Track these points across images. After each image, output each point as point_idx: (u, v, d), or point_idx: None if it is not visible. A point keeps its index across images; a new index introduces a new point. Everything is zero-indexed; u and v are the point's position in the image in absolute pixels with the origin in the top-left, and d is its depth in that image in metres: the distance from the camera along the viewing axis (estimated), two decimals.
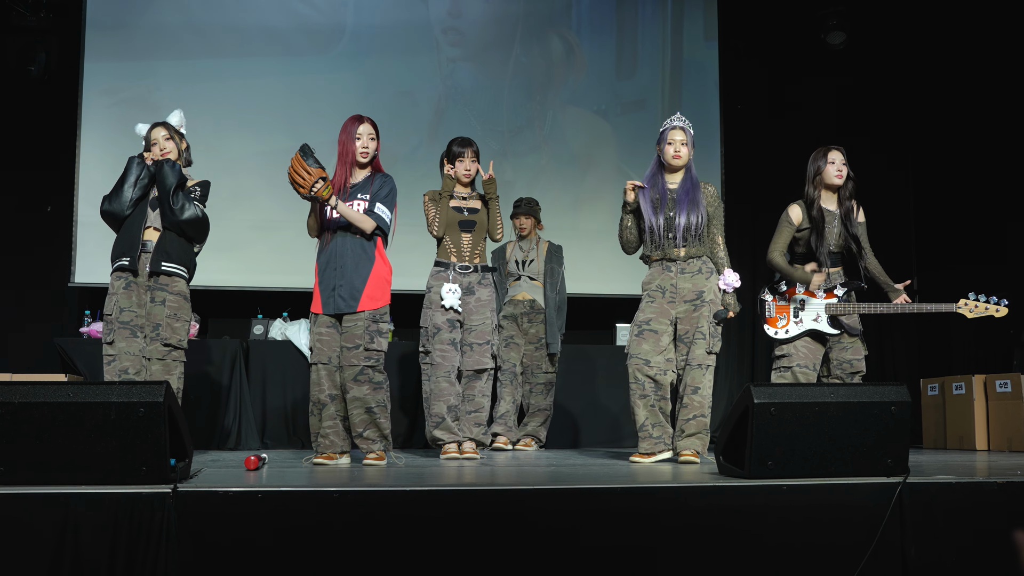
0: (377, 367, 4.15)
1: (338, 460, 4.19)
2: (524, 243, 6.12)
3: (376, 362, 4.14)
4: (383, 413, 4.16)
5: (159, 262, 4.36)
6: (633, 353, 4.40)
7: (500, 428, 5.75)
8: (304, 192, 4.01)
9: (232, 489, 2.77)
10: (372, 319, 4.15)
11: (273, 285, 6.86)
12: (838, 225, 4.65)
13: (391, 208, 4.26)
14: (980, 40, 7.17)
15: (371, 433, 4.15)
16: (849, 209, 4.68)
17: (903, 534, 3.01)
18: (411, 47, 7.29)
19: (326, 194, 4.03)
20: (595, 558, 2.84)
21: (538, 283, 6.03)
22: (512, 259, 6.09)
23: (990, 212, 7.09)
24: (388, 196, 4.25)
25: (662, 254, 4.45)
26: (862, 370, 4.71)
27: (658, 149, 4.53)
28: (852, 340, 4.68)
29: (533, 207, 6.12)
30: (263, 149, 6.95)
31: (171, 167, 4.40)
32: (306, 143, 4.06)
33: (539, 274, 6.04)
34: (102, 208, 4.44)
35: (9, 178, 6.84)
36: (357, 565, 2.75)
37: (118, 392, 2.84)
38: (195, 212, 4.43)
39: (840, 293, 4.62)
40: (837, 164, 4.65)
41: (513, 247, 6.13)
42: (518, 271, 6.04)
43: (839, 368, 4.69)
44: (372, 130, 4.28)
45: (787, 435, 3.13)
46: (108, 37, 6.91)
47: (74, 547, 2.64)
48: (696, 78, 7.69)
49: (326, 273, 4.22)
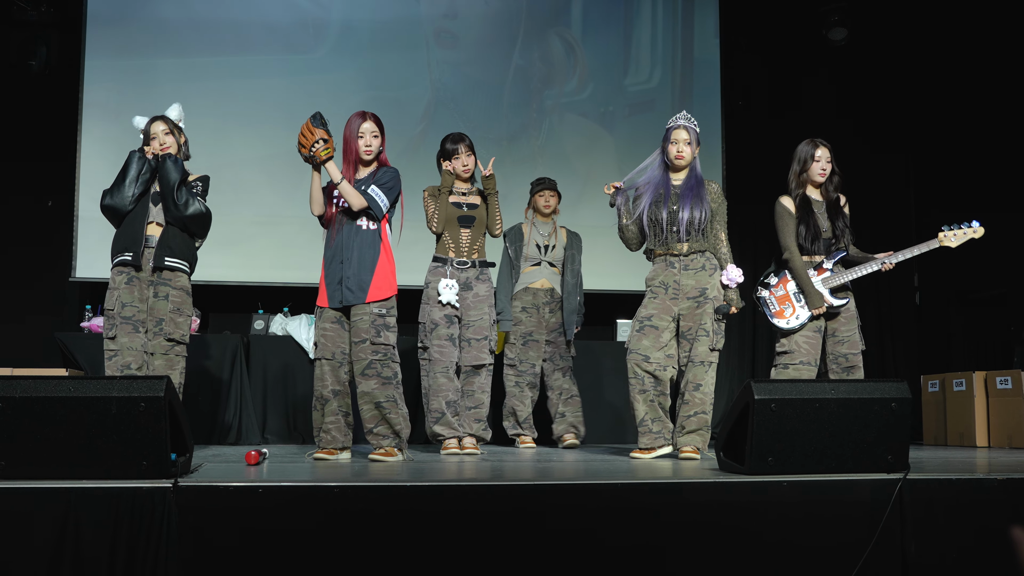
0: (385, 361, 4.13)
1: (338, 456, 4.19)
2: (544, 225, 5.75)
3: (384, 356, 4.12)
4: (393, 408, 4.11)
5: (163, 257, 4.36)
6: (633, 348, 4.41)
7: (525, 429, 5.61)
8: (305, 152, 4.06)
9: (233, 484, 2.78)
10: (378, 312, 4.13)
11: (274, 280, 6.86)
12: (825, 214, 4.70)
13: (388, 194, 4.21)
14: (982, 35, 7.16)
15: (381, 429, 4.13)
16: (835, 200, 4.74)
17: (903, 530, 3.01)
18: (412, 43, 7.28)
19: (323, 155, 4.05)
20: (595, 554, 2.85)
21: (557, 271, 5.73)
22: (531, 241, 5.69)
23: (990, 207, 7.08)
24: (386, 183, 4.22)
25: (665, 249, 4.45)
26: (858, 365, 4.68)
27: (662, 146, 4.54)
28: (848, 334, 4.67)
29: (556, 184, 5.79)
30: (264, 144, 6.94)
31: (174, 162, 4.40)
32: (319, 111, 4.10)
33: (559, 261, 5.73)
34: (103, 203, 4.42)
35: (10, 173, 6.84)
36: (357, 560, 2.75)
37: (119, 387, 2.85)
38: (199, 208, 4.42)
39: (829, 265, 4.66)
40: (822, 163, 4.70)
41: (531, 228, 5.74)
42: (539, 255, 5.68)
43: (835, 362, 4.70)
44: (375, 127, 4.26)
45: (787, 431, 3.13)
46: (109, 32, 6.91)
47: (75, 541, 2.65)
48: (707, 75, 7.65)
49: (331, 266, 4.21)
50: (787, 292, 4.68)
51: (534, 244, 5.68)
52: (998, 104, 7.06)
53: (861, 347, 4.72)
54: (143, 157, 4.43)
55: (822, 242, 4.68)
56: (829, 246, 4.70)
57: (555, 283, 5.71)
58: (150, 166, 4.43)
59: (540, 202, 5.73)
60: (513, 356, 5.64)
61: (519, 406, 5.60)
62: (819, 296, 4.60)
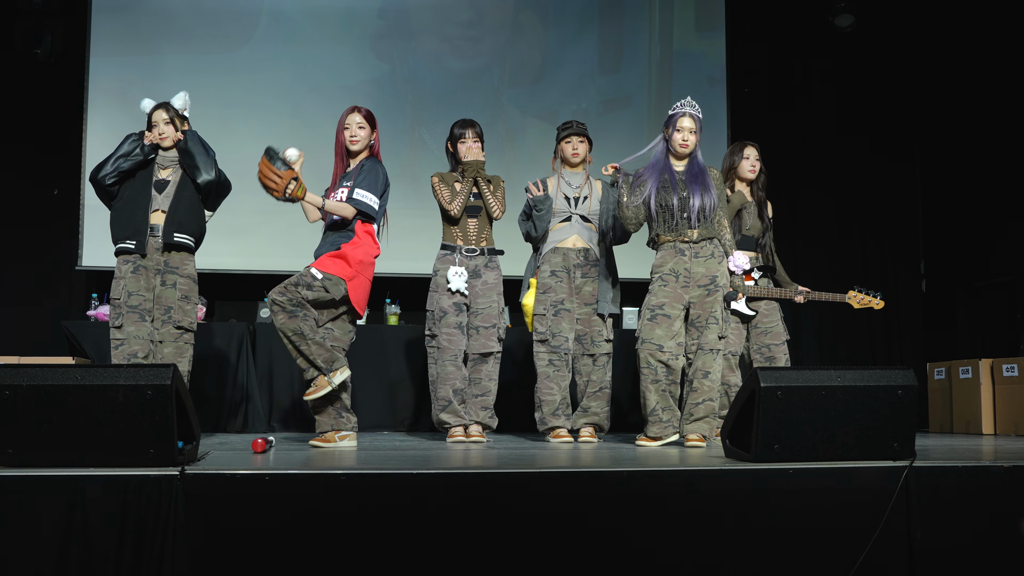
0: (291, 298, 4.08)
1: (337, 444, 4.21)
2: (574, 176, 4.98)
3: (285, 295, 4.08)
4: (302, 341, 4.10)
5: (171, 233, 4.38)
6: (646, 338, 4.39)
7: (560, 420, 4.80)
8: (279, 196, 4.06)
9: (239, 471, 2.79)
10: (314, 274, 4.15)
11: (279, 268, 6.83)
12: (754, 212, 4.99)
13: (373, 190, 4.29)
14: (991, 24, 7.11)
15: (301, 362, 4.16)
16: (763, 200, 5.05)
17: (909, 518, 3.01)
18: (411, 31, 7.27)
19: (300, 193, 4.09)
20: (602, 541, 2.85)
21: (592, 226, 4.91)
22: (559, 195, 4.92)
23: (998, 201, 7.06)
24: (367, 179, 4.30)
25: (675, 235, 4.42)
26: (779, 356, 4.93)
27: (665, 133, 4.51)
28: (771, 325, 4.94)
29: (586, 129, 4.98)
30: (269, 132, 6.89)
31: (191, 135, 4.47)
32: (270, 146, 4.05)
33: (594, 216, 4.91)
34: (90, 178, 4.50)
35: (16, 161, 6.84)
36: (363, 547, 2.76)
37: (126, 375, 2.85)
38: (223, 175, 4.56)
39: (756, 276, 4.94)
40: (751, 160, 5.00)
41: (557, 181, 4.97)
42: (568, 209, 4.90)
43: (758, 352, 4.98)
44: (362, 119, 4.39)
45: (793, 419, 3.13)
46: (114, 20, 6.90)
47: (82, 529, 2.66)
48: (688, 70, 7.50)
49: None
50: None
51: (562, 197, 4.91)
52: (1010, 93, 7.02)
53: (785, 337, 4.99)
54: (138, 139, 4.46)
55: (746, 240, 4.97)
56: (752, 244, 4.99)
57: (590, 241, 4.90)
58: (144, 150, 4.44)
59: (567, 150, 4.93)
60: (544, 329, 4.81)
61: (550, 391, 4.80)
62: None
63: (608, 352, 4.88)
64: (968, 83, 7.38)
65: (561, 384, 4.81)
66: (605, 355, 4.87)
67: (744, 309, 4.91)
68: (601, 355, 4.86)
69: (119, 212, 4.45)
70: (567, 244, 4.87)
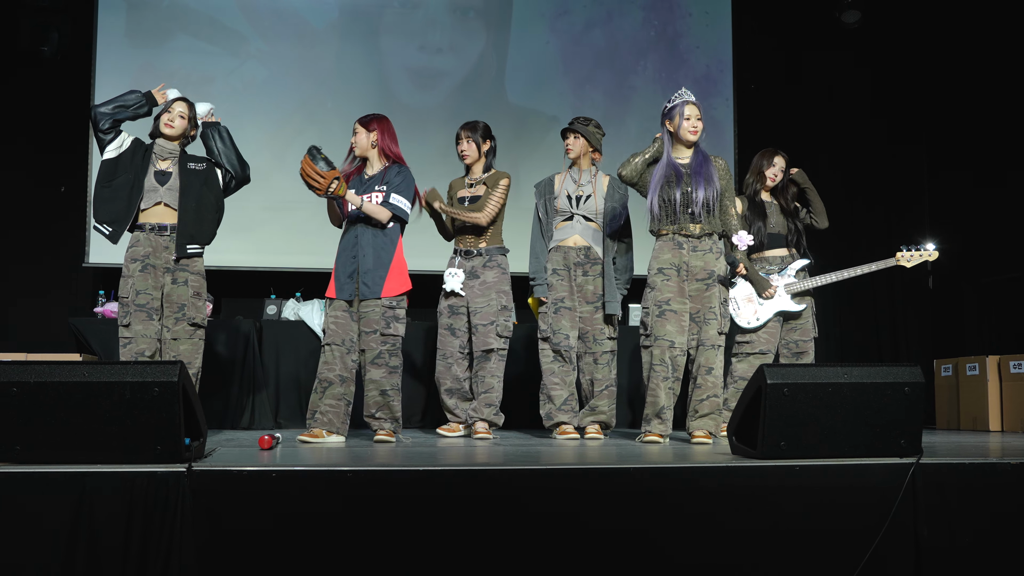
0: (394, 351, 4.32)
1: (326, 439, 4.22)
2: (579, 173, 4.97)
3: (392, 346, 4.32)
4: (396, 396, 4.33)
5: (184, 247, 4.41)
6: (659, 335, 4.36)
7: (566, 416, 4.80)
8: (321, 194, 4.22)
9: (246, 468, 2.79)
10: (389, 305, 4.31)
11: (286, 265, 6.88)
12: (776, 209, 5.10)
13: (408, 197, 4.44)
14: (999, 17, 7.08)
15: (383, 413, 4.34)
16: (787, 206, 5.13)
17: (916, 515, 3.01)
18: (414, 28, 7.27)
19: (342, 192, 4.25)
20: (606, 539, 2.85)
21: (595, 225, 4.90)
22: (562, 193, 4.94)
23: (1006, 198, 7.04)
24: (401, 184, 4.43)
25: (677, 228, 4.42)
26: (807, 351, 5.00)
27: (668, 125, 4.48)
28: (801, 321, 5.00)
29: (587, 127, 4.92)
30: (276, 130, 6.96)
31: (214, 127, 4.55)
32: (313, 145, 4.25)
33: (597, 214, 4.89)
34: (90, 107, 4.69)
35: (23, 158, 6.85)
36: (369, 543, 2.76)
37: (133, 372, 2.86)
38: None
39: (795, 271, 5.03)
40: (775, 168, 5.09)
41: (563, 178, 5.00)
42: (569, 208, 4.91)
43: (786, 347, 5.03)
44: (362, 125, 4.48)
45: (800, 416, 3.13)
46: (121, 17, 6.91)
47: (89, 525, 2.67)
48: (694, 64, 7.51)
49: (342, 258, 4.39)
50: (748, 295, 5.00)
51: (565, 195, 4.92)
52: (1015, 90, 6.99)
53: (813, 334, 5.05)
54: (143, 97, 4.50)
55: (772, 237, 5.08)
56: (781, 241, 5.08)
57: (592, 240, 4.89)
58: (145, 105, 4.49)
59: (565, 146, 4.98)
60: (545, 327, 4.86)
61: (556, 386, 4.82)
62: (766, 281, 4.96)
63: (611, 350, 4.89)
64: (974, 81, 7.35)
65: (566, 380, 4.82)
66: (608, 352, 4.88)
67: (792, 306, 4.97)
68: (604, 353, 4.86)
69: (103, 195, 4.42)
70: (568, 243, 4.89)
